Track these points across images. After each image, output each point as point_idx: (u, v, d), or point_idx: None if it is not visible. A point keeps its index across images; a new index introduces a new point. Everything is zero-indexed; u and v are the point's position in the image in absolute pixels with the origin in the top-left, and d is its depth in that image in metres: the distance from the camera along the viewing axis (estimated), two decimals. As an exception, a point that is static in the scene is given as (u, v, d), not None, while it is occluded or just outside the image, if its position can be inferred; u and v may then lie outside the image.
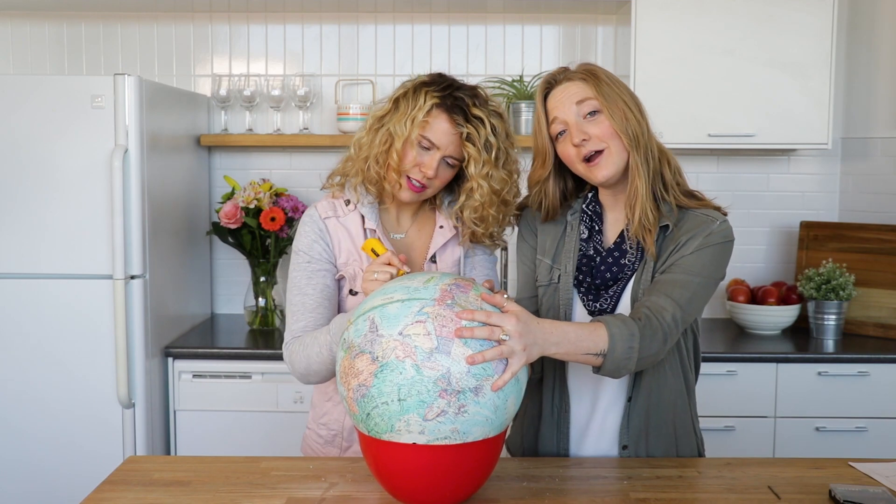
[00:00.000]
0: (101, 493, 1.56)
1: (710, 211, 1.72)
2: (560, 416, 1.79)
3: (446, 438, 1.39)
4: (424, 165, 1.74)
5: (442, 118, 1.73)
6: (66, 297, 2.76)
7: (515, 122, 3.30)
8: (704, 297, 1.68)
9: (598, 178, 1.68)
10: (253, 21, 3.45)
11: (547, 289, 1.80)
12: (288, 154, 3.47)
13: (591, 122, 1.67)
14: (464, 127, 1.73)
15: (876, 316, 3.16)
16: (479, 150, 1.73)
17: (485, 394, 1.39)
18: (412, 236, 1.89)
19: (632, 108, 1.66)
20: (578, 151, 1.68)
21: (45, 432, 2.78)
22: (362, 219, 1.83)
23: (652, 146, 1.69)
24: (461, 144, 1.74)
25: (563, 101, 1.69)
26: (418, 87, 1.76)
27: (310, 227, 1.84)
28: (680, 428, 1.79)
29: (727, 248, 1.70)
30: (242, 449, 2.82)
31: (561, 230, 1.81)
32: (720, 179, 3.45)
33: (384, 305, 1.43)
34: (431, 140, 1.73)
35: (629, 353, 1.55)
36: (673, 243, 1.69)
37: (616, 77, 1.72)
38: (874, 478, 1.64)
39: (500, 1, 3.29)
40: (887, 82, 3.25)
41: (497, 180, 1.77)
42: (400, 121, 1.74)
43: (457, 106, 1.73)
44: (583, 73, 1.70)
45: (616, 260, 1.73)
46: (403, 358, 1.37)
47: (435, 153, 1.74)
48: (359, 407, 1.42)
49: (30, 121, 2.72)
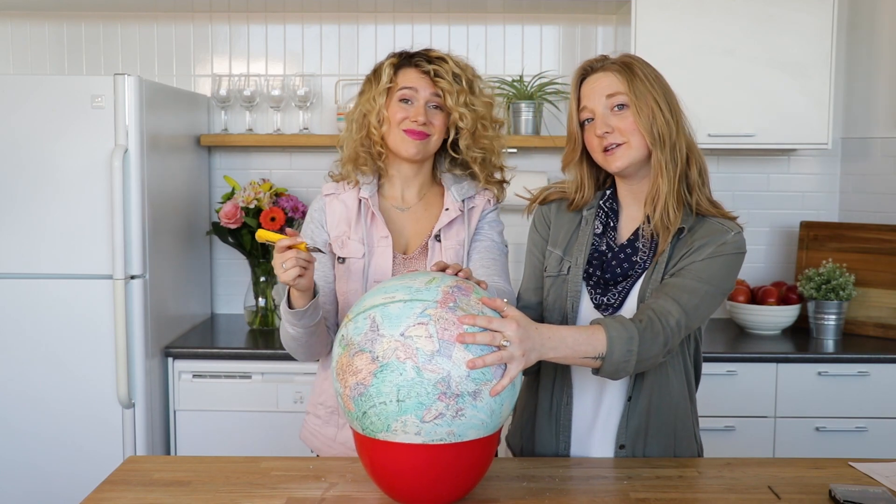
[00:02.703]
0: (101, 493, 1.56)
1: (727, 221, 1.72)
2: (560, 410, 1.79)
3: (442, 440, 1.39)
4: (413, 114, 1.83)
5: (407, 70, 1.86)
6: (66, 297, 2.76)
7: (515, 122, 3.30)
8: (710, 307, 1.68)
9: (612, 168, 1.71)
10: (253, 21, 3.45)
11: (555, 280, 1.80)
12: (288, 154, 3.47)
13: (617, 116, 1.69)
14: (428, 67, 1.84)
15: (876, 316, 3.16)
16: (449, 82, 1.83)
17: (482, 398, 1.39)
18: (417, 212, 1.92)
19: (661, 107, 1.67)
20: (600, 142, 1.70)
21: (45, 432, 2.78)
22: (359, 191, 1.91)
23: (681, 145, 1.69)
24: (433, 83, 1.84)
25: (595, 90, 1.71)
26: (377, 68, 1.89)
27: (311, 209, 1.95)
28: (680, 431, 1.78)
29: (738, 260, 1.71)
30: (242, 449, 2.82)
31: (576, 223, 1.82)
32: (720, 179, 3.45)
33: (385, 305, 1.43)
34: (408, 86, 1.84)
35: (627, 357, 1.56)
36: (686, 247, 1.69)
37: (655, 72, 1.72)
38: (874, 478, 1.63)
39: (500, 1, 3.29)
40: (887, 82, 3.25)
41: (479, 104, 1.87)
42: (367, 100, 1.87)
43: (416, 57, 1.87)
44: (619, 65, 1.70)
45: (628, 256, 1.74)
46: (405, 359, 1.37)
47: (417, 99, 1.84)
48: (355, 405, 1.42)
49: (30, 121, 2.72)
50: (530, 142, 3.26)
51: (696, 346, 1.81)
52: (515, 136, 3.27)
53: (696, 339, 1.80)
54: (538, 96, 3.31)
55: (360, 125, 1.87)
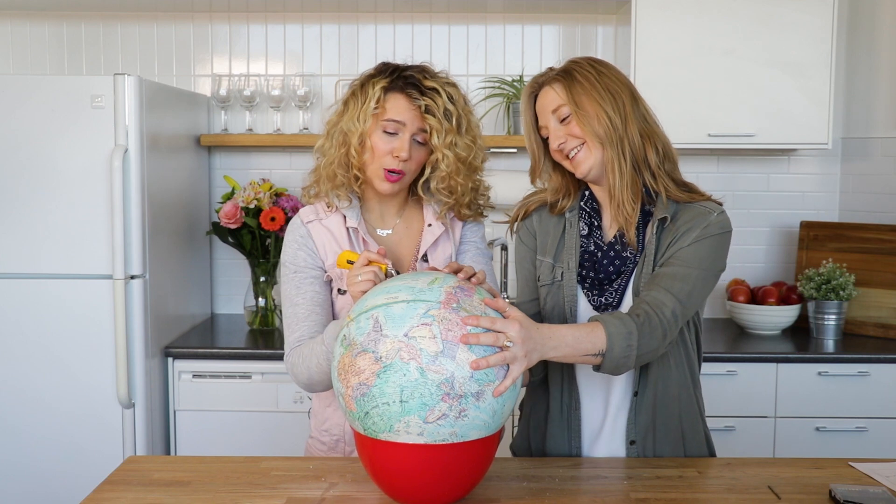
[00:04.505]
0: (101, 493, 1.56)
1: (708, 203, 1.73)
2: (571, 415, 1.80)
3: (444, 440, 1.39)
4: (396, 149, 1.74)
5: (397, 97, 1.74)
6: (66, 297, 2.76)
7: (515, 122, 3.30)
8: (704, 290, 1.69)
9: (579, 172, 1.73)
10: (253, 21, 3.45)
11: (550, 288, 1.81)
12: (288, 154, 3.47)
13: (566, 126, 1.72)
14: (420, 100, 1.73)
15: (876, 316, 3.16)
16: (439, 119, 1.73)
17: (485, 399, 1.40)
18: (400, 232, 1.87)
19: (604, 106, 1.68)
20: (561, 152, 1.74)
21: (45, 432, 2.78)
22: (344, 218, 1.83)
23: (631, 137, 1.70)
24: (422, 118, 1.74)
25: (543, 108, 1.75)
26: (365, 81, 1.77)
27: (292, 235, 1.84)
28: (686, 420, 1.79)
29: (725, 239, 1.72)
30: (242, 449, 2.82)
31: (560, 229, 1.83)
32: (720, 179, 3.45)
33: (388, 305, 1.42)
34: (396, 120, 1.73)
35: (628, 351, 1.57)
36: (671, 235, 1.71)
37: (599, 69, 1.73)
38: (874, 478, 1.64)
39: (500, 1, 3.29)
40: (887, 82, 3.25)
41: (462, 147, 1.77)
42: (352, 118, 1.75)
43: (409, 83, 1.74)
44: (561, 75, 1.74)
45: (618, 253, 1.75)
46: (408, 360, 1.37)
47: (403, 134, 1.74)
48: (357, 405, 1.41)
49: (30, 121, 2.72)
50: (530, 142, 3.25)
51: (697, 331, 1.81)
52: (515, 136, 3.27)
53: (696, 324, 1.80)
54: (538, 96, 3.30)
55: (340, 142, 1.78)
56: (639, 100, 1.74)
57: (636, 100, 1.73)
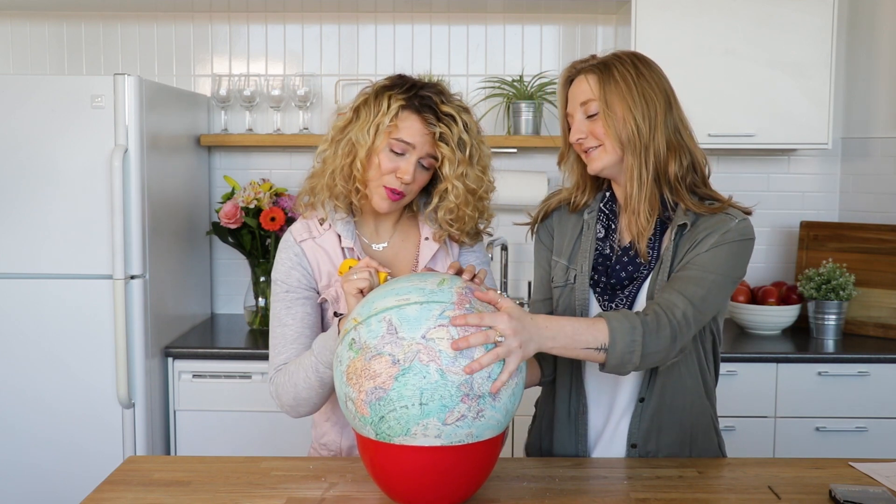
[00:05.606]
0: (101, 493, 1.56)
1: (731, 210, 1.70)
2: (577, 419, 1.79)
3: (461, 441, 1.39)
4: (401, 171, 1.68)
5: (412, 119, 1.67)
6: (66, 297, 2.76)
7: (515, 122, 3.30)
8: (720, 296, 1.66)
9: (592, 169, 1.72)
10: (253, 21, 3.45)
11: (563, 290, 1.79)
12: (288, 154, 3.47)
13: (591, 121, 1.69)
14: (436, 126, 1.67)
15: (876, 316, 3.16)
16: (452, 149, 1.68)
17: (500, 398, 1.40)
18: (395, 246, 1.83)
19: (634, 111, 1.65)
20: (580, 146, 1.72)
21: (45, 432, 2.78)
22: (339, 237, 1.77)
23: (657, 147, 1.66)
24: (434, 144, 1.68)
25: (574, 96, 1.72)
26: (380, 92, 1.70)
27: (285, 253, 1.79)
28: (697, 428, 1.77)
29: (746, 246, 1.68)
30: (242, 449, 2.82)
31: (578, 230, 1.81)
32: (720, 179, 3.41)
33: (401, 307, 1.40)
34: (406, 141, 1.67)
35: (632, 347, 1.53)
36: (689, 241, 1.67)
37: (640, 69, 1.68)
38: (874, 478, 1.63)
39: (500, 1, 3.29)
40: (887, 82, 3.25)
41: (472, 179, 1.72)
42: (362, 129, 1.68)
43: (425, 105, 1.67)
44: (599, 68, 1.69)
45: (632, 259, 1.72)
46: (428, 362, 1.35)
47: (410, 156, 1.68)
48: (371, 409, 1.38)
49: (30, 121, 2.72)
50: (530, 142, 3.26)
51: (714, 339, 1.78)
52: (515, 136, 3.27)
53: (714, 333, 1.77)
54: (538, 96, 3.31)
55: (346, 151, 1.70)
56: (674, 108, 1.69)
57: (671, 107, 1.68)
